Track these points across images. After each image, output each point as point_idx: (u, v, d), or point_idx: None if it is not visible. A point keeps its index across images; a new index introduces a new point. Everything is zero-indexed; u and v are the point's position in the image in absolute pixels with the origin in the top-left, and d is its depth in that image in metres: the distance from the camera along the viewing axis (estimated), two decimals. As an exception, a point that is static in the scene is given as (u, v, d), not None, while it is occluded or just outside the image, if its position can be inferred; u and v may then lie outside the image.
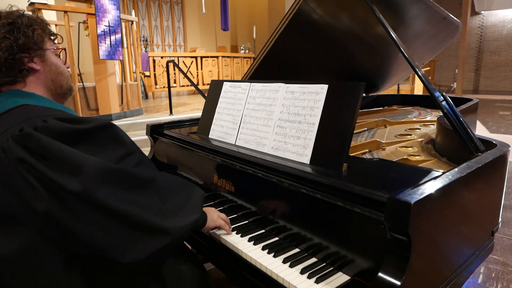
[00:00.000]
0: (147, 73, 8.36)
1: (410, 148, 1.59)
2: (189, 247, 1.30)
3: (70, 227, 0.82)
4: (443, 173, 0.95)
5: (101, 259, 0.87)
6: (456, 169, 0.98)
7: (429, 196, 0.81)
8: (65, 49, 1.16)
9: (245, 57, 10.38)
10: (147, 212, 0.88)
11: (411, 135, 1.85)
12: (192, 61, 8.83)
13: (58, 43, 1.16)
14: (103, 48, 4.61)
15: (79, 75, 4.89)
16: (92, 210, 0.82)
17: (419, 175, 1.04)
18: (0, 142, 0.85)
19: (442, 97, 1.22)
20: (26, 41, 1.01)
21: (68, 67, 1.16)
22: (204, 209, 1.17)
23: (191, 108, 6.63)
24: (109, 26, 4.64)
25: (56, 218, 0.81)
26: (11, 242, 0.84)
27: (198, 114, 2.22)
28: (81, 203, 0.81)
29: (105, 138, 0.96)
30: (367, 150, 1.58)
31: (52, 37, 1.12)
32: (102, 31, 4.56)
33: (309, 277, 0.93)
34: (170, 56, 8.64)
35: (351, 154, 1.35)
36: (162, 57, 8.34)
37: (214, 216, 1.16)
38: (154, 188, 0.95)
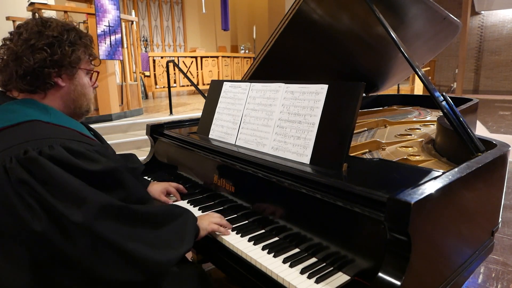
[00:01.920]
0: (147, 73, 8.35)
1: (410, 148, 1.59)
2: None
3: (63, 248, 0.81)
4: (443, 173, 0.95)
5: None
6: (456, 169, 0.98)
7: (429, 196, 0.81)
8: (98, 72, 1.14)
9: (245, 57, 10.38)
10: (143, 246, 0.89)
11: (411, 135, 1.85)
12: (192, 61, 8.83)
13: (95, 65, 1.14)
14: (103, 48, 4.61)
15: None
16: (90, 240, 0.82)
17: (419, 175, 1.04)
18: (3, 159, 0.83)
19: (442, 97, 1.22)
20: (61, 59, 0.99)
21: (95, 87, 1.14)
22: (199, 216, 1.18)
23: (191, 108, 6.63)
24: (109, 26, 4.64)
25: (50, 238, 0.80)
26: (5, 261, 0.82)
27: (198, 114, 2.22)
28: (80, 232, 0.81)
29: (108, 183, 0.93)
30: (367, 150, 1.58)
31: (90, 58, 1.10)
32: (102, 31, 4.56)
33: (309, 277, 0.93)
34: (170, 56, 8.64)
35: (351, 154, 1.35)
36: (162, 57, 8.34)
37: (204, 224, 1.15)
38: (152, 224, 0.96)
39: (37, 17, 1.05)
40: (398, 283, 0.77)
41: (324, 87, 1.19)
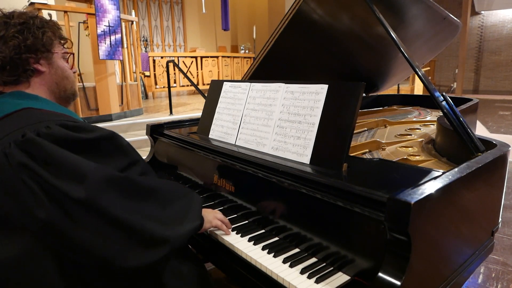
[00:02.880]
0: (147, 73, 8.36)
1: (410, 148, 1.59)
2: (189, 247, 1.30)
3: (70, 234, 0.81)
4: (443, 173, 0.95)
5: (99, 266, 0.87)
6: (456, 169, 0.98)
7: (429, 196, 0.81)
8: (73, 54, 1.16)
9: (245, 57, 10.38)
10: (149, 221, 0.89)
11: (411, 135, 1.85)
12: (192, 61, 8.84)
13: (68, 47, 1.16)
14: (103, 48, 4.61)
15: (79, 75, 4.89)
16: (94, 218, 0.82)
17: (419, 175, 1.04)
18: (2, 146, 0.84)
19: (442, 97, 1.22)
20: (35, 42, 1.01)
21: (74, 72, 1.16)
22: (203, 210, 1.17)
23: (191, 108, 6.63)
24: (109, 26, 4.64)
25: (56, 225, 0.80)
26: (9, 247, 0.83)
27: (198, 114, 2.22)
28: (83, 211, 0.81)
29: (109, 149, 0.95)
30: (367, 150, 1.58)
31: (62, 41, 1.12)
32: (102, 31, 4.56)
33: (309, 277, 0.93)
34: (170, 56, 8.64)
35: (351, 154, 1.35)
36: (162, 57, 8.34)
37: (210, 217, 1.16)
38: (157, 197, 0.96)
39: None
40: (398, 283, 0.77)
41: (324, 87, 1.19)
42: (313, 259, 1.01)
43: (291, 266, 0.98)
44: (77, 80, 4.61)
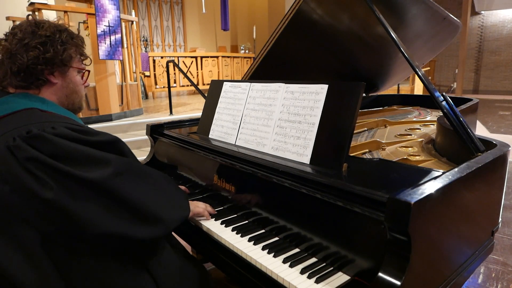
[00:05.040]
0: (147, 73, 8.35)
1: (410, 148, 1.59)
2: (189, 247, 1.30)
3: (77, 214, 0.85)
4: (443, 173, 0.95)
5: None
6: (456, 169, 0.98)
7: (429, 196, 0.81)
8: (89, 71, 1.21)
9: (245, 57, 10.37)
10: (153, 202, 1.00)
11: (411, 135, 1.85)
12: (192, 61, 8.83)
13: (86, 64, 1.21)
14: (103, 48, 4.61)
15: (79, 75, 4.89)
16: (105, 199, 0.89)
17: (419, 175, 1.04)
18: (5, 141, 0.86)
19: (442, 97, 1.22)
20: (53, 56, 1.05)
21: (87, 86, 1.21)
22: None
23: (191, 108, 6.63)
24: (109, 26, 4.64)
25: (63, 206, 0.84)
26: (9, 249, 0.84)
27: (198, 114, 2.22)
28: (93, 191, 0.88)
29: (112, 152, 0.99)
30: (367, 150, 1.58)
31: (82, 58, 1.16)
32: (102, 31, 4.56)
33: (309, 277, 0.93)
34: (170, 56, 8.64)
35: (351, 154, 1.35)
36: (162, 57, 8.34)
37: (191, 206, 1.24)
38: (159, 185, 1.08)
39: (30, 18, 1.12)
40: (398, 283, 0.77)
41: (324, 87, 1.19)
42: (313, 259, 1.01)
43: (291, 266, 0.98)
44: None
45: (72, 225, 0.86)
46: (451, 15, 1.93)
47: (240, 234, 1.16)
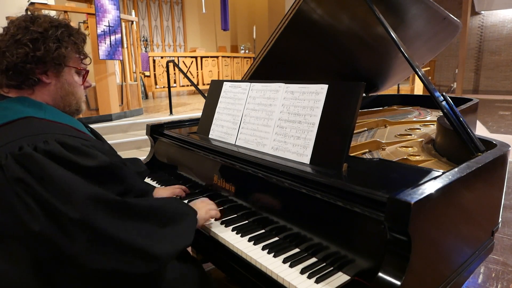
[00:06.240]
0: (147, 73, 8.36)
1: (410, 148, 1.59)
2: (189, 247, 1.30)
3: (64, 248, 0.80)
4: (443, 173, 0.95)
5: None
6: (456, 169, 0.98)
7: (429, 196, 0.81)
8: (88, 71, 1.12)
9: (245, 57, 10.37)
10: (142, 240, 0.88)
11: (411, 135, 1.85)
12: (192, 61, 8.83)
13: (85, 63, 1.12)
14: (103, 48, 4.61)
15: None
16: (89, 235, 0.81)
17: (419, 175, 1.04)
18: None
19: (442, 97, 1.22)
20: (44, 55, 0.97)
21: (88, 86, 1.14)
22: (192, 204, 1.20)
23: (191, 108, 6.63)
24: (109, 26, 4.64)
25: (50, 239, 0.79)
26: (4, 261, 0.82)
27: (198, 114, 2.22)
28: (78, 228, 0.80)
29: (105, 178, 0.93)
30: (367, 150, 1.58)
31: (81, 57, 1.09)
32: (102, 31, 4.56)
33: (309, 277, 0.93)
34: (170, 56, 8.64)
35: (351, 154, 1.35)
36: (162, 57, 8.34)
37: (202, 213, 1.17)
38: (154, 220, 0.95)
39: (28, 13, 1.04)
40: (398, 283, 0.77)
41: (324, 87, 1.19)
42: (313, 259, 1.01)
43: (291, 266, 0.98)
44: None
45: (63, 257, 0.82)
46: (451, 15, 1.93)
47: (240, 234, 1.16)
